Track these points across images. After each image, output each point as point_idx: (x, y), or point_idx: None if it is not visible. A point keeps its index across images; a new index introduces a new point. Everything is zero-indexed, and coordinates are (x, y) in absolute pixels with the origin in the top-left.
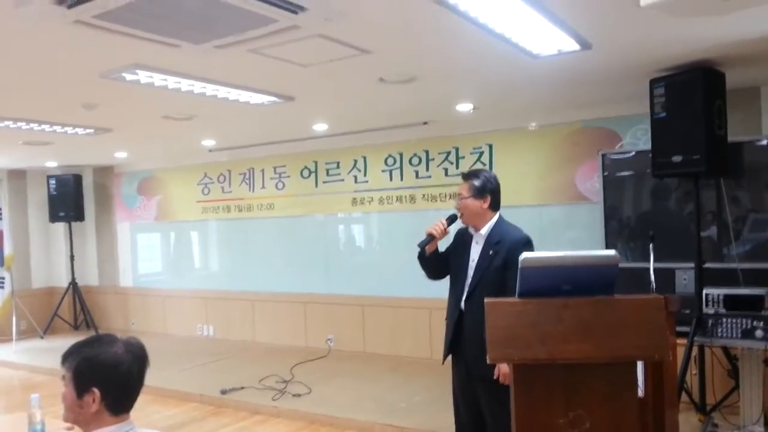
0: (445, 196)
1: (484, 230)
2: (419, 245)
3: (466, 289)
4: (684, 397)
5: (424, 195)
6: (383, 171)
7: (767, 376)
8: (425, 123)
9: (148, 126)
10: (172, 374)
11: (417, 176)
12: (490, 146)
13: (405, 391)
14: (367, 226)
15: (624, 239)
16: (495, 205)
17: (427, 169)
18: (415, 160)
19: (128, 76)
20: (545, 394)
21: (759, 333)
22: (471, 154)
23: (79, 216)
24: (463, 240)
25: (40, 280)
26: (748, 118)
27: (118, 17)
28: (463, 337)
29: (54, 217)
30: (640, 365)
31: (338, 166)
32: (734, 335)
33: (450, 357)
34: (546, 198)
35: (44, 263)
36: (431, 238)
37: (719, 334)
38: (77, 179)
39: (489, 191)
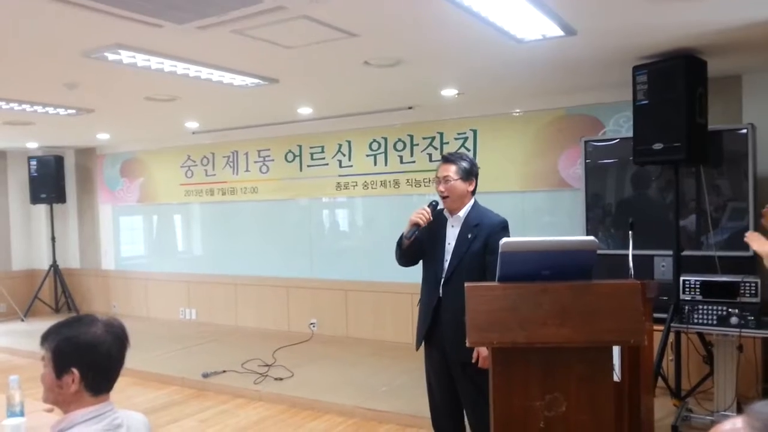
0: (429, 181)
1: (462, 213)
2: (407, 236)
3: (444, 274)
4: (660, 382)
5: (408, 180)
6: (368, 156)
7: (741, 363)
8: (410, 108)
9: (131, 107)
10: (154, 357)
11: (401, 161)
12: (475, 132)
13: (386, 375)
14: (351, 210)
15: (605, 226)
16: (475, 190)
17: (412, 155)
18: (400, 145)
19: (110, 56)
20: (523, 378)
21: (734, 320)
22: (455, 139)
23: (61, 198)
24: (437, 224)
25: (20, 263)
26: (728, 107)
27: None
28: (441, 323)
29: (35, 199)
30: (616, 350)
31: (323, 150)
32: (710, 322)
33: (423, 343)
34: (529, 184)
35: (25, 245)
36: (418, 227)
37: (695, 321)
38: (59, 160)
39: (474, 175)
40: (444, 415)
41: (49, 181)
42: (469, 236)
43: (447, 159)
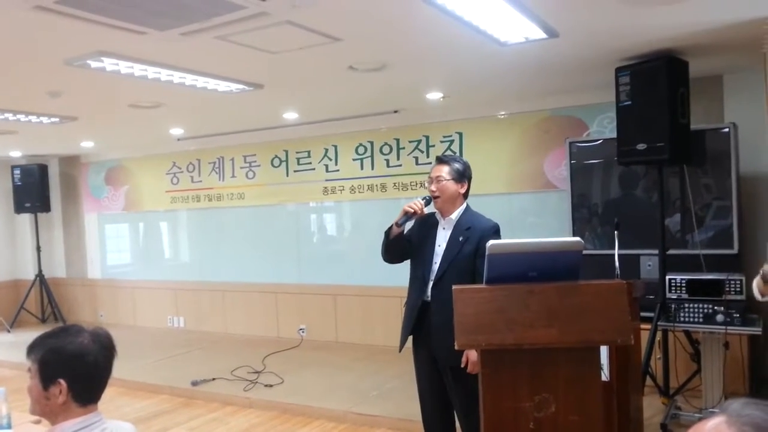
0: (416, 184)
1: (454, 216)
2: (397, 223)
3: (433, 276)
4: (648, 381)
5: (395, 184)
6: (354, 160)
7: (728, 360)
8: (396, 111)
9: (115, 114)
10: (142, 366)
11: (388, 165)
12: (460, 135)
13: (377, 380)
14: (338, 215)
15: (592, 226)
16: (467, 193)
17: (398, 158)
18: (386, 149)
19: (93, 64)
20: (512, 379)
21: (720, 317)
22: (441, 142)
23: (45, 207)
24: (427, 225)
25: (5, 273)
26: (710, 106)
27: (81, 3)
28: (429, 326)
29: (19, 208)
30: (604, 350)
31: (309, 155)
32: (696, 320)
33: (411, 347)
34: (515, 186)
35: (10, 255)
36: (408, 215)
37: (682, 319)
38: (43, 169)
39: (467, 177)
40: (436, 419)
41: (33, 190)
42: (460, 239)
43: (440, 160)
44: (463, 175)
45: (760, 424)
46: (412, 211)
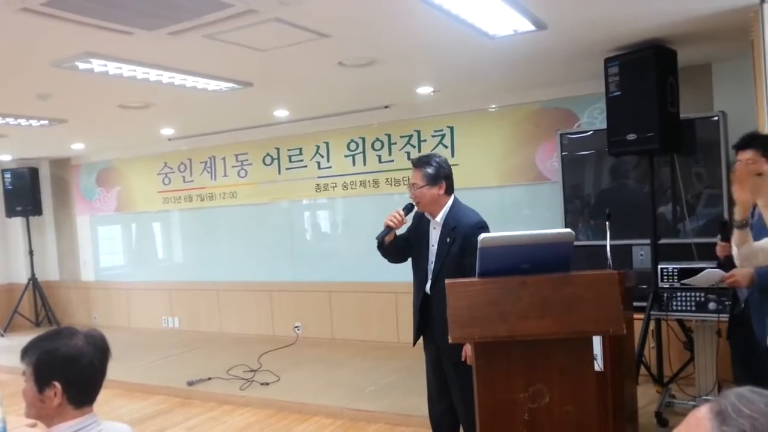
0: (408, 179)
1: (440, 217)
2: (378, 238)
3: (431, 274)
4: (642, 370)
5: (387, 179)
6: (346, 156)
7: (720, 348)
8: (386, 107)
9: (105, 115)
10: (138, 367)
11: (380, 161)
12: (452, 129)
13: (373, 375)
14: (331, 211)
15: (584, 218)
16: (449, 189)
17: (390, 153)
18: (378, 145)
19: (81, 65)
20: (506, 371)
21: (712, 305)
22: (432, 137)
23: (37, 210)
24: (422, 223)
25: None
26: (700, 95)
27: (68, 4)
28: (432, 322)
29: (11, 212)
30: (598, 340)
31: (301, 153)
32: (688, 308)
33: (421, 340)
34: (507, 179)
35: (2, 259)
36: (389, 229)
37: (674, 308)
38: (33, 172)
39: (443, 177)
40: (441, 411)
41: (24, 193)
42: (448, 240)
43: (414, 164)
44: (437, 177)
45: (722, 410)
46: (392, 224)
